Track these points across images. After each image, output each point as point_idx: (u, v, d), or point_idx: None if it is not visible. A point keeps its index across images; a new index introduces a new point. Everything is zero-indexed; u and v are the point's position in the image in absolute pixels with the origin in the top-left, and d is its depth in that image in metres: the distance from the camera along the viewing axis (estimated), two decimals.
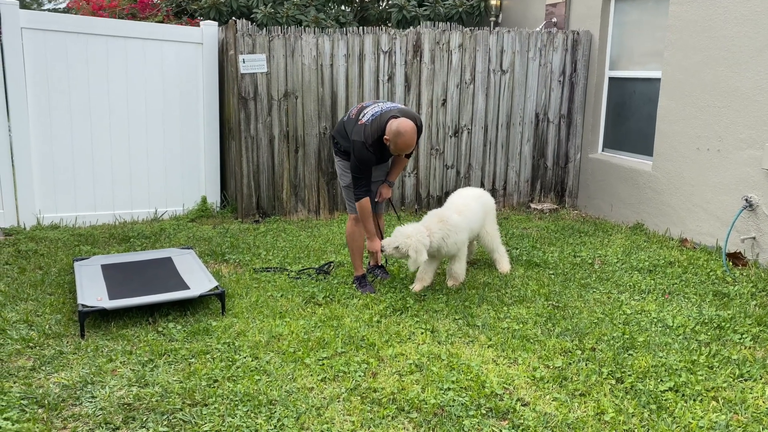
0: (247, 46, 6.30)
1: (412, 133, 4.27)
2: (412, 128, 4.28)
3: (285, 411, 3.07)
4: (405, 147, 4.33)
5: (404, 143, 4.28)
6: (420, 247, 4.33)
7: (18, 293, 4.49)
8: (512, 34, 7.07)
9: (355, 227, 4.70)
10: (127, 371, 3.43)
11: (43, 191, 6.27)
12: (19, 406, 3.08)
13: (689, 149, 5.91)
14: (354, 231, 4.72)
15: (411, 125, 4.27)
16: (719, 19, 5.51)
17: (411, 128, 4.26)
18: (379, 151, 4.44)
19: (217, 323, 4.04)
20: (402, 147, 4.32)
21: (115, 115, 6.50)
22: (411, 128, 4.26)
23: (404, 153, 4.46)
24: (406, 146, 4.32)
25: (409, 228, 4.42)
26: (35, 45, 6.04)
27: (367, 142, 4.34)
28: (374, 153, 4.39)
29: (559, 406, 3.15)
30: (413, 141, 4.32)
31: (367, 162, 4.39)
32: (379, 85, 6.79)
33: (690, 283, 4.87)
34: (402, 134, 4.24)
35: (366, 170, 4.42)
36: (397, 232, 4.42)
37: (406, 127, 4.25)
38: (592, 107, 7.27)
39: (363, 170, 4.41)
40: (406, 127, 4.25)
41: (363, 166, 4.40)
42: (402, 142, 4.27)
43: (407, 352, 3.69)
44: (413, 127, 4.29)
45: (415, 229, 4.42)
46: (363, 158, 4.37)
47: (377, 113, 4.42)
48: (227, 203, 7.15)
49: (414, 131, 4.29)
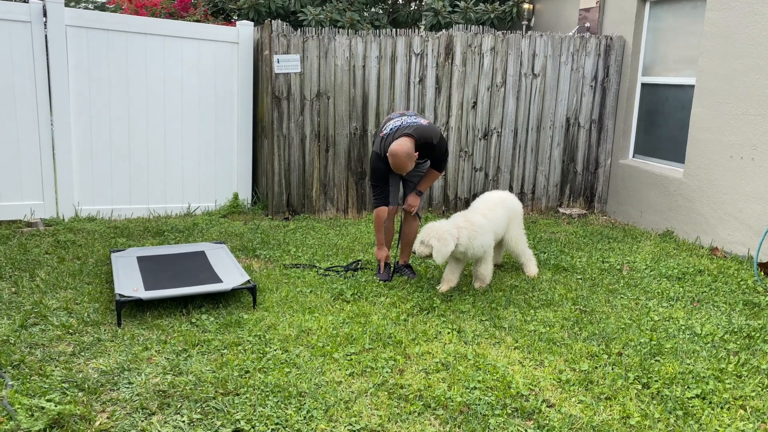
0: (282, 46, 6.41)
1: (403, 156, 4.43)
2: (406, 150, 4.43)
3: (314, 403, 3.15)
4: (396, 168, 4.53)
5: (394, 165, 4.50)
6: (445, 236, 4.38)
7: (58, 282, 4.65)
8: (544, 38, 7.08)
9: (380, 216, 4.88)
10: (162, 359, 3.54)
11: (81, 184, 6.47)
12: (61, 389, 3.21)
13: (722, 157, 5.85)
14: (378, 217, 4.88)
15: (405, 146, 4.43)
16: (757, 27, 5.46)
17: (402, 152, 4.42)
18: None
19: (248, 316, 4.14)
20: (394, 167, 4.53)
21: (151, 112, 6.68)
22: (402, 152, 4.42)
23: (399, 173, 4.61)
24: (396, 168, 4.53)
25: (437, 223, 4.51)
26: (78, 42, 6.24)
27: (381, 154, 4.62)
28: (386, 165, 4.59)
29: (584, 408, 3.17)
30: (403, 163, 4.47)
31: (377, 171, 4.69)
32: (410, 86, 6.85)
33: (720, 291, 4.83)
34: (393, 156, 4.46)
35: (378, 179, 4.70)
36: (425, 228, 4.50)
37: (398, 150, 4.43)
38: (623, 113, 7.23)
39: (376, 178, 4.72)
40: (398, 150, 4.43)
41: (375, 174, 4.72)
42: (392, 164, 4.50)
43: (434, 351, 3.74)
44: (407, 149, 4.43)
45: (442, 223, 4.50)
46: (374, 167, 4.71)
47: (395, 128, 4.63)
48: (258, 200, 7.27)
49: (406, 152, 4.43)
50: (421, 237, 4.48)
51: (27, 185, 6.24)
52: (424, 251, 4.47)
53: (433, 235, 4.42)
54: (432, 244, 4.40)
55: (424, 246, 4.45)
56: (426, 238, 4.44)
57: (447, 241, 4.38)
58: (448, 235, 4.40)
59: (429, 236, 4.43)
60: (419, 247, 4.48)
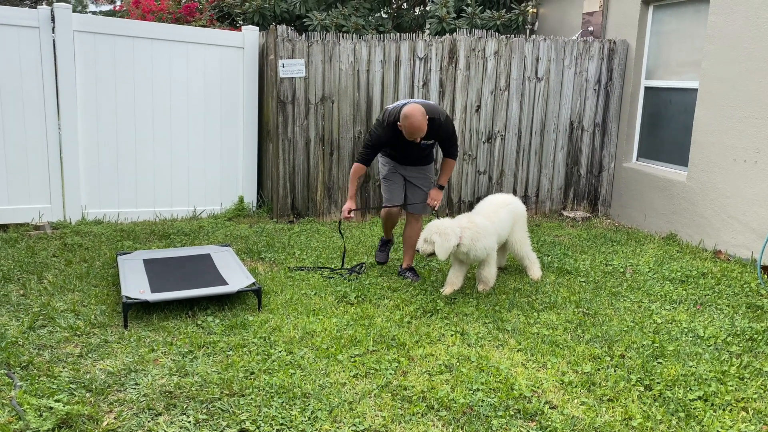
0: (287, 51, 6.46)
1: (420, 115, 4.44)
2: (420, 111, 4.45)
3: (318, 404, 3.18)
4: (413, 129, 4.48)
5: (411, 125, 4.46)
6: (447, 232, 4.41)
7: (65, 284, 4.70)
8: (548, 42, 7.11)
9: (388, 215, 5.09)
10: (168, 361, 3.58)
11: (88, 187, 6.53)
12: (69, 389, 3.25)
13: (726, 160, 5.86)
14: (386, 216, 5.12)
15: (419, 108, 4.46)
16: (760, 30, 5.47)
17: (418, 111, 4.45)
18: (394, 137, 4.69)
19: (253, 318, 4.18)
20: (410, 129, 4.49)
21: (158, 116, 6.74)
22: (418, 111, 4.45)
23: (416, 136, 4.56)
24: (413, 128, 4.48)
25: (440, 220, 4.55)
26: (85, 47, 6.30)
27: (383, 121, 4.72)
28: (386, 133, 4.69)
29: (586, 410, 3.20)
30: (420, 123, 4.46)
31: (376, 138, 4.75)
32: (414, 90, 6.89)
33: (723, 294, 4.84)
34: (408, 116, 4.44)
35: (373, 144, 4.78)
36: (428, 226, 4.55)
37: (412, 110, 4.45)
38: (627, 116, 7.25)
39: (371, 144, 4.78)
40: (413, 110, 4.45)
41: (372, 140, 4.78)
42: (409, 124, 4.46)
43: (437, 353, 3.77)
44: (421, 111, 4.46)
45: (445, 221, 4.54)
46: (374, 133, 4.78)
47: (403, 104, 4.69)
48: (263, 203, 7.32)
49: (421, 113, 4.45)
50: (424, 235, 4.52)
51: (35, 189, 6.30)
52: (427, 249, 4.49)
53: (435, 231, 4.45)
54: (434, 240, 4.43)
55: (427, 243, 4.47)
56: (428, 235, 4.47)
57: (449, 237, 4.41)
58: (450, 231, 4.43)
59: (431, 233, 4.46)
60: (422, 245, 4.50)
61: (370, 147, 4.80)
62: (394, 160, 5.01)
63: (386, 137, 4.72)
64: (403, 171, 5.03)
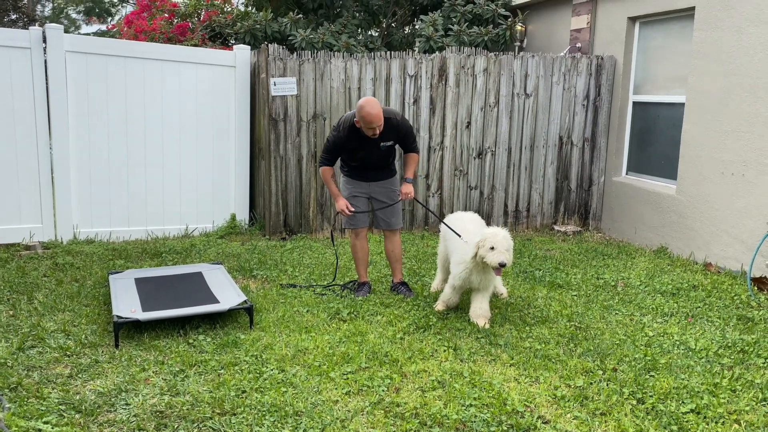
0: (279, 69, 6.51)
1: (375, 103, 4.51)
2: (375, 101, 4.54)
3: (311, 422, 3.16)
4: (370, 117, 4.49)
5: (368, 114, 4.49)
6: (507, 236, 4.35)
7: (56, 304, 4.67)
8: (536, 58, 7.19)
9: (356, 241, 5.09)
10: (159, 380, 3.56)
11: (80, 207, 6.51)
12: (58, 411, 3.22)
13: (714, 173, 5.92)
14: (355, 244, 5.11)
15: (371, 99, 4.56)
16: (743, 46, 5.56)
17: (373, 100, 4.54)
18: (354, 139, 4.72)
19: (245, 336, 4.16)
20: (368, 118, 4.50)
21: (150, 134, 6.75)
22: (373, 100, 4.54)
23: (373, 126, 4.54)
24: (370, 116, 4.49)
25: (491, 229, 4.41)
26: (77, 67, 6.33)
27: (339, 126, 4.78)
28: (345, 134, 4.72)
29: (579, 424, 3.19)
30: (377, 110, 4.49)
31: (334, 139, 4.80)
32: (405, 107, 6.94)
33: (714, 306, 4.87)
34: (363, 105, 4.51)
35: (332, 148, 4.82)
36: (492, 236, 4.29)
37: (367, 100, 4.55)
38: (616, 131, 7.32)
39: (330, 147, 4.83)
40: (367, 100, 4.55)
41: (330, 144, 4.83)
42: (366, 113, 4.50)
43: (430, 369, 3.76)
44: (376, 101, 4.55)
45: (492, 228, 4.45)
46: (332, 137, 4.83)
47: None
48: (255, 221, 7.32)
49: (376, 102, 4.53)
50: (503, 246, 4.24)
51: (26, 208, 6.28)
52: (510, 257, 4.31)
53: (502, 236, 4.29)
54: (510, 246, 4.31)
55: (508, 252, 4.28)
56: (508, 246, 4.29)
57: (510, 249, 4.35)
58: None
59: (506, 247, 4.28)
60: (507, 256, 4.25)
61: (329, 151, 4.83)
62: (355, 177, 4.95)
63: (345, 138, 4.73)
64: (366, 188, 4.97)
